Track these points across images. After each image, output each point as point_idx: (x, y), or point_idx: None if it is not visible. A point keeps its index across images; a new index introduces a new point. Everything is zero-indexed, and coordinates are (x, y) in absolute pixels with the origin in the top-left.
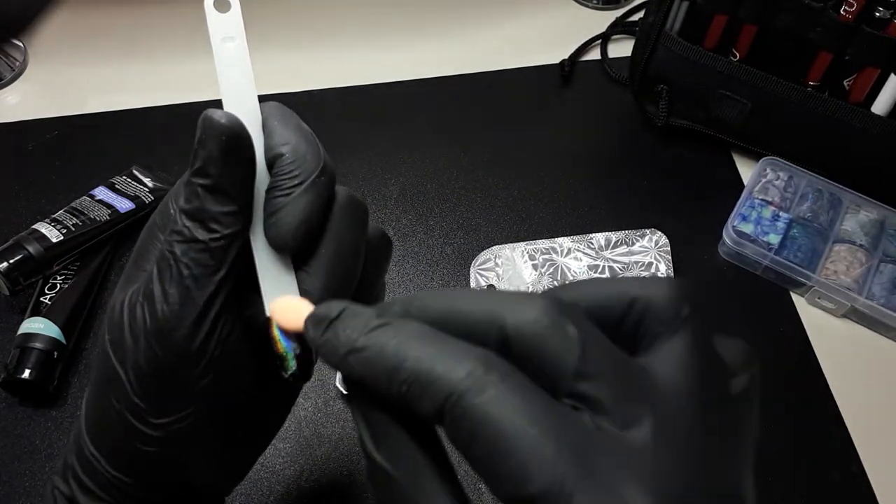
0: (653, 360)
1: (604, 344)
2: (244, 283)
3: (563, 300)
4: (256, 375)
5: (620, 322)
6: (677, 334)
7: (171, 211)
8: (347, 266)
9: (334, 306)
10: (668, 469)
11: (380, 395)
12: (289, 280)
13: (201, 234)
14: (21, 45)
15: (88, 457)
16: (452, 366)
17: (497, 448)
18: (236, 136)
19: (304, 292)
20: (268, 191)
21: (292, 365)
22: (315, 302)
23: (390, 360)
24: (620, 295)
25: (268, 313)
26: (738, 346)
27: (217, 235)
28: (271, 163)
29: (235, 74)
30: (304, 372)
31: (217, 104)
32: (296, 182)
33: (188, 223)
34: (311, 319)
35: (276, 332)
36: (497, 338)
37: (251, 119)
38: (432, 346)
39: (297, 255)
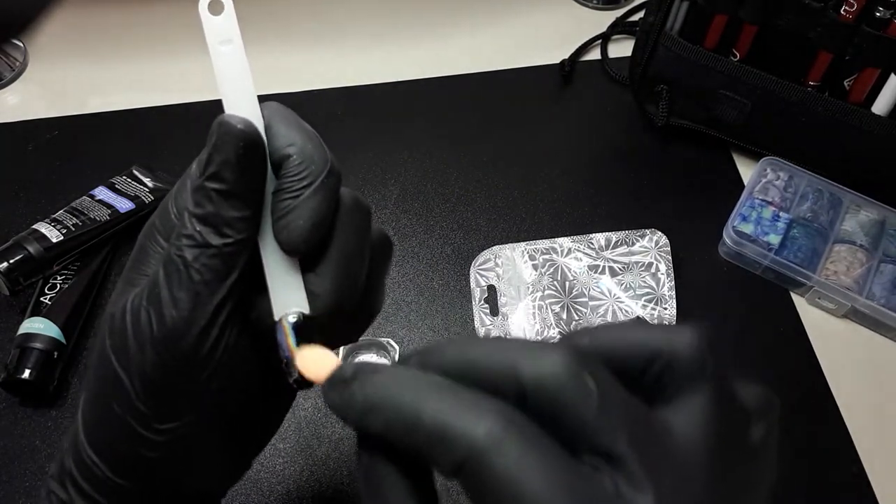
0: (673, 415)
1: (624, 397)
2: (250, 286)
3: (581, 349)
4: (259, 378)
5: (641, 373)
6: (700, 390)
7: (172, 214)
8: (354, 268)
9: (348, 368)
10: None
11: (395, 451)
12: (297, 283)
13: (214, 240)
14: (21, 45)
15: (87, 462)
16: (471, 422)
17: None
18: (253, 141)
19: (311, 294)
20: (275, 193)
21: (296, 372)
22: (323, 304)
23: (409, 417)
24: (642, 346)
25: (276, 318)
26: (757, 392)
27: (230, 241)
28: (278, 164)
29: (234, 77)
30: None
31: (217, 104)
32: (304, 183)
33: (200, 228)
34: (328, 384)
35: (287, 338)
36: (515, 390)
37: (254, 121)
38: (450, 399)
39: (304, 257)
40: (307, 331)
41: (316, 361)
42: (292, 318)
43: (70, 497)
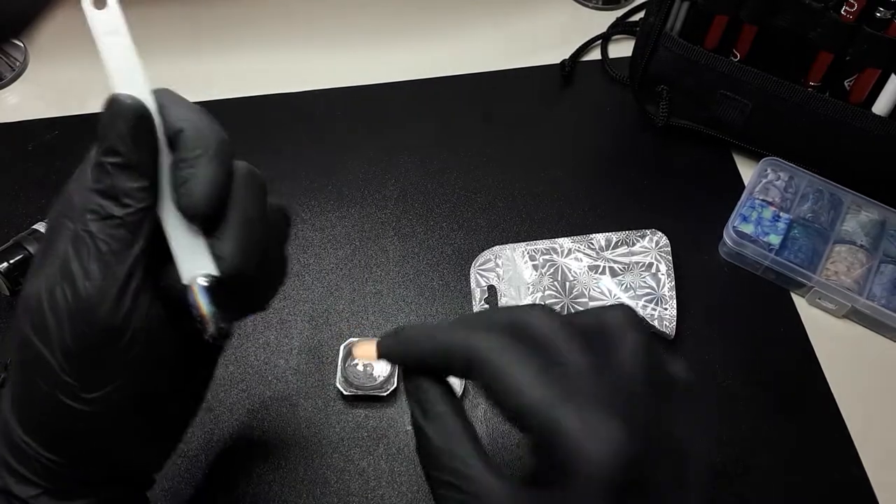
0: (614, 350)
1: (580, 335)
2: (157, 257)
3: (556, 311)
4: (178, 346)
5: (595, 332)
6: (630, 333)
7: (74, 198)
8: (254, 232)
9: (396, 328)
10: (623, 402)
11: (426, 369)
12: (201, 248)
13: (117, 210)
14: (21, 45)
15: (20, 444)
16: (478, 336)
17: (507, 382)
18: (142, 114)
19: (216, 258)
20: (173, 165)
21: (212, 327)
22: (228, 265)
23: (436, 339)
24: (594, 314)
25: (184, 281)
26: (679, 362)
27: (131, 210)
28: (172, 140)
29: (123, 65)
30: (227, 332)
31: (216, 105)
32: (198, 153)
33: (102, 201)
34: (385, 337)
35: (199, 298)
36: (508, 330)
37: (146, 102)
38: (458, 330)
39: (206, 224)
40: (217, 293)
41: (365, 347)
42: (203, 281)
43: (5, 482)
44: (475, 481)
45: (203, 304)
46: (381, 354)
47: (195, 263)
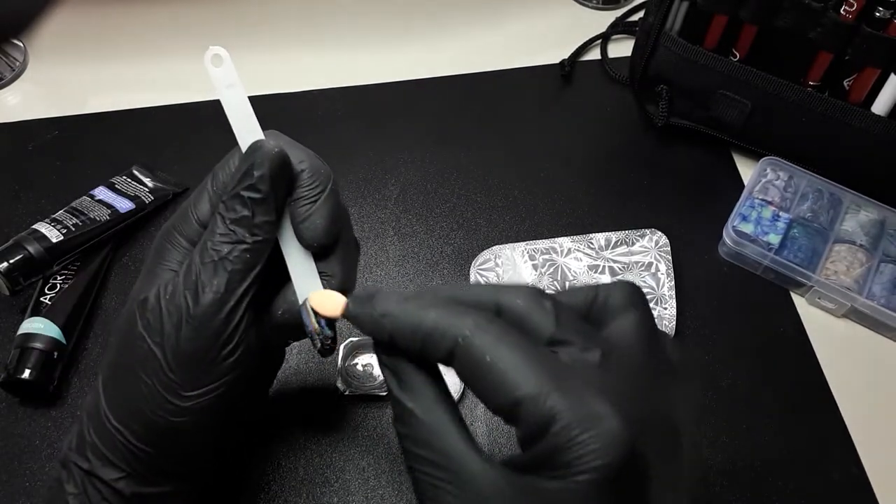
0: (612, 327)
1: (572, 314)
2: (265, 279)
3: (544, 290)
4: (261, 354)
5: (590, 309)
6: (630, 312)
7: (193, 220)
8: (352, 255)
9: (370, 288)
10: (621, 389)
11: (403, 350)
12: (313, 272)
13: (248, 238)
14: (21, 45)
15: (112, 431)
16: (461, 318)
17: (495, 371)
18: (285, 161)
19: (326, 278)
20: (293, 201)
21: (319, 340)
22: (336, 284)
23: (415, 318)
24: (588, 289)
25: (300, 301)
26: (672, 340)
27: (259, 238)
28: (291, 180)
29: (241, 113)
30: (332, 346)
31: (216, 105)
32: (318, 191)
33: (234, 228)
34: (353, 299)
35: (312, 315)
36: (493, 311)
37: None
38: (444, 308)
39: (322, 251)
40: None
41: (326, 300)
42: (310, 297)
43: (91, 466)
44: (457, 461)
45: (314, 319)
46: (349, 318)
47: (308, 285)
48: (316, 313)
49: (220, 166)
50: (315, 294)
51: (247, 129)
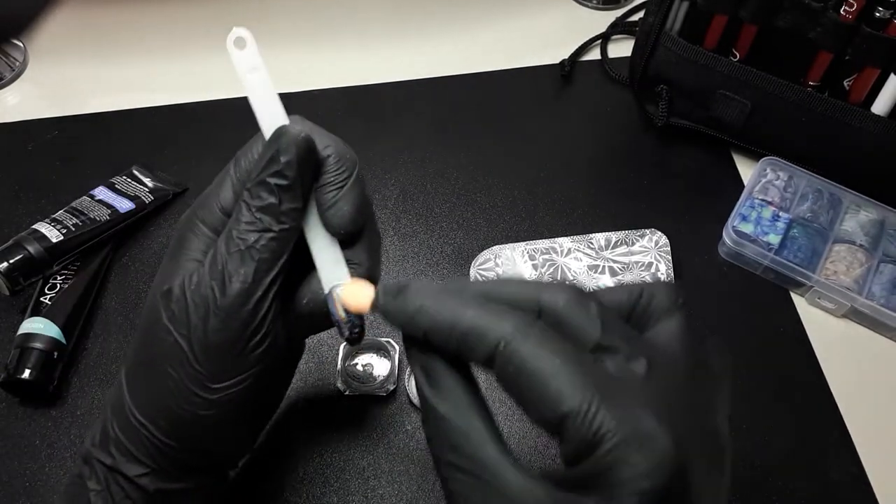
0: (657, 333)
1: (616, 318)
2: (291, 267)
3: (586, 289)
4: (287, 344)
5: (632, 311)
6: (674, 316)
7: (217, 208)
8: (376, 242)
9: (403, 281)
10: (669, 402)
11: (437, 348)
12: (340, 260)
13: (275, 226)
14: (21, 45)
15: (137, 426)
16: (504, 320)
17: (537, 380)
18: (311, 146)
19: (353, 265)
20: (319, 188)
21: (347, 329)
22: (363, 272)
23: (450, 317)
24: (630, 290)
25: (326, 289)
26: (714, 339)
27: (286, 227)
28: (317, 165)
29: (265, 97)
30: (361, 334)
31: (216, 105)
32: (344, 177)
33: (261, 216)
34: (384, 290)
35: (338, 304)
36: (533, 311)
37: None
38: (483, 307)
39: (349, 239)
40: None
41: (356, 291)
42: (340, 290)
43: (115, 461)
44: (492, 470)
45: (342, 309)
46: (379, 312)
47: (334, 273)
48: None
49: (242, 152)
50: (346, 286)
51: (270, 114)
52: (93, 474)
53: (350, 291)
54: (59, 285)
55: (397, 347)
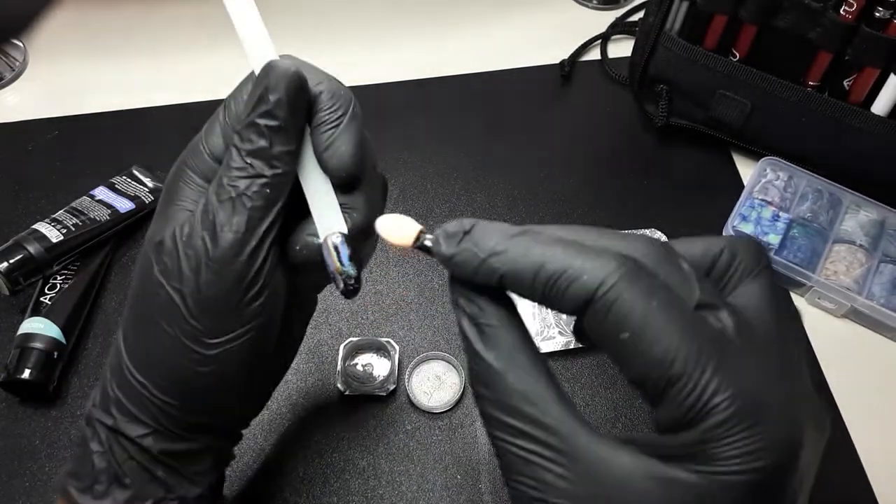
0: (740, 296)
1: (704, 277)
2: (287, 214)
3: (668, 244)
4: (290, 297)
5: (712, 267)
6: (760, 278)
7: (205, 154)
8: (377, 191)
9: (466, 222)
10: (778, 369)
11: (522, 291)
12: (335, 206)
13: (267, 171)
14: (21, 45)
15: (135, 385)
16: (603, 262)
17: (644, 334)
18: (303, 82)
19: (349, 211)
20: (314, 127)
21: (343, 280)
22: (360, 219)
23: (537, 257)
24: (710, 244)
25: (321, 238)
26: (785, 292)
27: (279, 171)
28: (309, 104)
29: (251, 28)
30: (357, 286)
31: (216, 105)
32: (339, 114)
33: (251, 161)
34: (444, 234)
35: (334, 253)
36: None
37: None
38: (573, 248)
39: (348, 182)
40: (349, 248)
41: (398, 227)
42: (336, 238)
43: (116, 422)
44: (567, 437)
45: (337, 259)
46: (444, 259)
47: (330, 220)
48: (338, 251)
49: (232, 96)
50: (385, 218)
51: (258, 47)
52: (95, 436)
53: (389, 224)
54: (59, 285)
55: (397, 347)
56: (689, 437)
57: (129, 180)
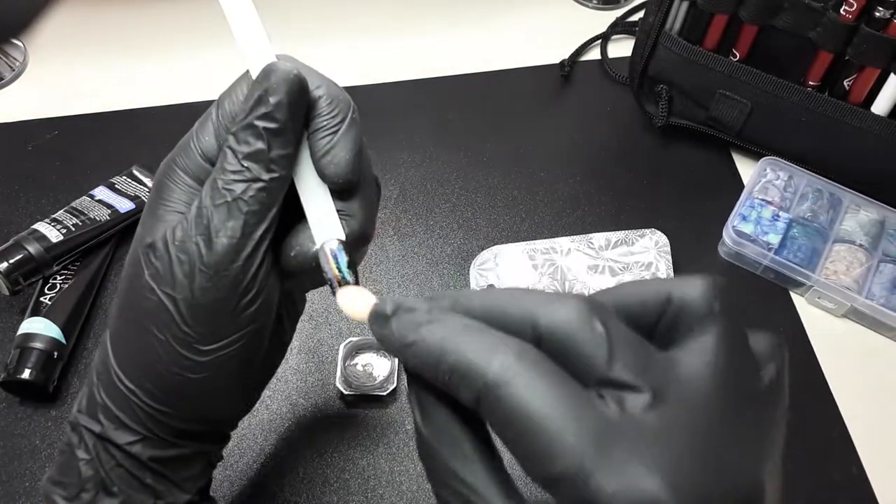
0: (682, 353)
1: (630, 338)
2: (281, 219)
3: (595, 301)
4: (281, 301)
5: (658, 320)
6: (708, 329)
7: (197, 154)
8: (372, 194)
9: (389, 304)
10: (681, 453)
11: (433, 382)
12: (332, 212)
13: (264, 175)
14: (21, 45)
15: (124, 391)
16: (487, 358)
17: (525, 432)
18: (304, 85)
19: (346, 218)
20: (312, 132)
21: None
22: (357, 226)
23: (435, 353)
24: (657, 294)
25: (318, 244)
26: (766, 339)
27: (276, 175)
28: (309, 107)
29: (248, 26)
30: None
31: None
32: (338, 120)
33: (248, 164)
34: (372, 317)
35: (334, 261)
36: (532, 335)
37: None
38: (472, 339)
39: (346, 188)
40: (345, 254)
41: (355, 299)
42: (334, 245)
43: (104, 429)
44: None
45: (336, 266)
46: (373, 333)
47: (327, 227)
48: (336, 258)
49: (225, 94)
50: (346, 290)
51: (254, 46)
52: (81, 443)
53: (348, 299)
54: (59, 285)
55: None
56: None
57: (129, 180)
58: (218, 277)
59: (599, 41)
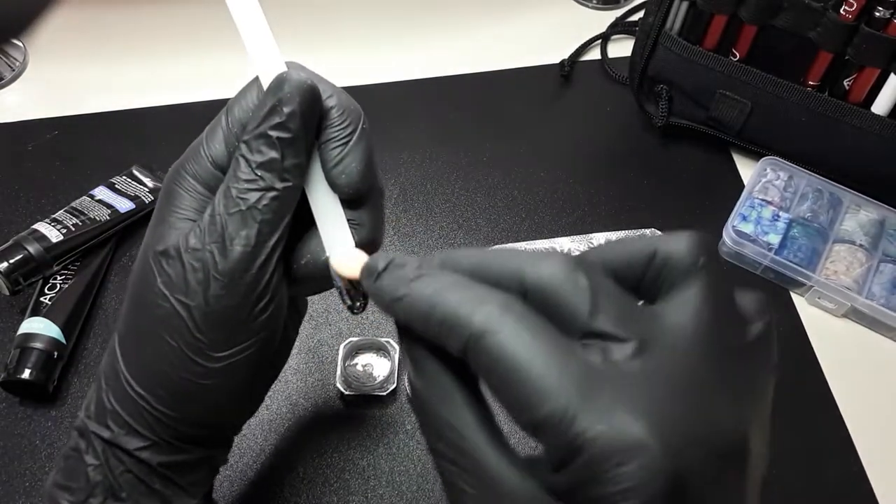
0: (666, 306)
1: (614, 291)
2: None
3: (581, 258)
4: (289, 307)
5: (643, 276)
6: (693, 282)
7: (207, 161)
8: (380, 202)
9: (381, 259)
10: (665, 399)
11: (423, 335)
12: (342, 222)
13: (277, 184)
14: (21, 45)
15: (134, 397)
16: (474, 309)
17: (510, 379)
18: (317, 95)
19: (356, 227)
20: (323, 143)
21: (349, 297)
22: (367, 234)
23: (425, 306)
24: (643, 250)
25: (328, 253)
26: (752, 296)
27: (289, 185)
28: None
29: (257, 33)
30: (364, 302)
31: (216, 105)
32: (350, 131)
33: (262, 173)
34: (365, 271)
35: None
36: (518, 289)
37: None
38: (459, 292)
39: (357, 198)
40: None
41: (347, 257)
42: (332, 257)
43: (114, 435)
44: (479, 463)
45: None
46: (364, 287)
47: (337, 236)
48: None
49: (235, 101)
50: (338, 253)
51: (264, 53)
52: (90, 448)
53: (340, 261)
54: (59, 285)
55: (397, 347)
56: (569, 476)
57: (129, 180)
58: (232, 285)
59: (599, 41)
